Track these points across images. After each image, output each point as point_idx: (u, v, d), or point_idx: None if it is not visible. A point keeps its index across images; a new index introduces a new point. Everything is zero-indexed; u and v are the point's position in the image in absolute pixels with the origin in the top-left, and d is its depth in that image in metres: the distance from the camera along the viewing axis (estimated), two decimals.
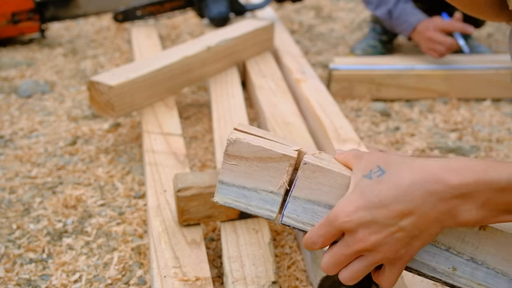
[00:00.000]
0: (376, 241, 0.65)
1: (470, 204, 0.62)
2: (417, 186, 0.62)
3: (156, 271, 0.97)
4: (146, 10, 2.34)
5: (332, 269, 0.69)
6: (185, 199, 1.05)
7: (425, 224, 0.64)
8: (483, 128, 1.74)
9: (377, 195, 0.64)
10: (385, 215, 0.63)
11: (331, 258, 0.69)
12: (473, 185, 0.61)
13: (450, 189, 0.61)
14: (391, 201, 0.63)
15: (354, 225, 0.65)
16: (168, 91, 1.65)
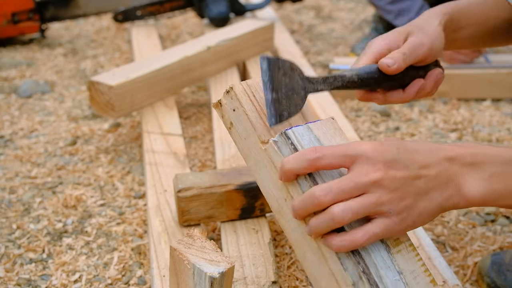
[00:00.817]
0: (393, 176, 0.62)
1: (478, 174, 0.64)
2: (436, 150, 0.66)
3: (156, 271, 0.97)
4: (146, 10, 2.34)
5: (330, 195, 0.62)
6: (186, 199, 1.05)
7: (435, 183, 0.65)
8: (483, 128, 1.74)
9: (401, 143, 0.66)
10: (408, 158, 0.64)
11: (336, 183, 0.63)
12: (482, 155, 0.65)
13: (462, 157, 0.65)
14: (415, 151, 0.65)
15: (377, 155, 0.63)
16: (168, 91, 1.65)
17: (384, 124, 1.77)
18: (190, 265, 0.75)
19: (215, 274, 0.73)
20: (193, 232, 0.82)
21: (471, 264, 1.14)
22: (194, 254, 0.77)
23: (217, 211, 1.08)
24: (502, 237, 1.23)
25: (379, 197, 0.63)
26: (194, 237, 0.81)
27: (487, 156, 0.65)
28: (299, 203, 0.65)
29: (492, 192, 0.64)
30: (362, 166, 0.63)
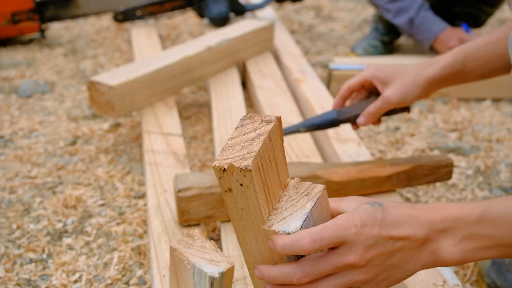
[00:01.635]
0: (370, 259, 0.67)
1: (450, 239, 0.68)
2: (412, 219, 0.68)
3: (156, 271, 0.97)
4: (146, 10, 2.34)
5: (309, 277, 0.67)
6: (186, 199, 1.05)
7: (409, 255, 0.68)
8: (483, 128, 1.74)
9: (382, 218, 0.68)
10: (386, 235, 0.67)
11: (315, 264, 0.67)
12: (451, 221, 0.68)
13: (434, 224, 0.68)
14: (393, 225, 0.68)
15: (360, 240, 0.66)
16: (168, 91, 1.65)
17: (384, 124, 1.77)
18: (190, 265, 0.75)
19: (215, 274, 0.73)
20: (193, 232, 0.82)
21: (471, 264, 1.14)
22: (194, 254, 0.77)
23: (217, 211, 1.08)
24: None
25: (352, 277, 0.68)
26: (194, 237, 0.81)
27: (456, 221, 0.68)
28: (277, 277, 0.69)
29: (466, 254, 0.68)
30: (344, 251, 0.67)
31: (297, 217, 0.69)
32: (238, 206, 0.68)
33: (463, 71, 1.08)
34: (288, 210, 0.70)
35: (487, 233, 0.67)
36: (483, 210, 0.68)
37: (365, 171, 1.15)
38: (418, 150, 1.60)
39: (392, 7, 2.07)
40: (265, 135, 0.67)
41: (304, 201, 0.71)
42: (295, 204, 0.71)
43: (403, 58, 2.11)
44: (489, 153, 1.59)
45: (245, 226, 0.70)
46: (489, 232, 0.67)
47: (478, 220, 0.67)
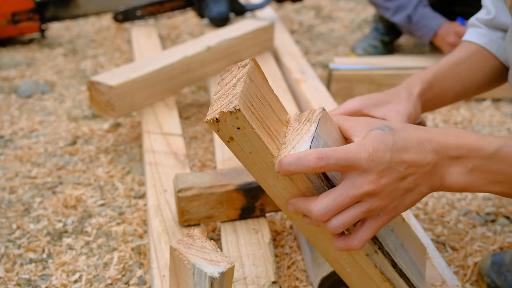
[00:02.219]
0: (385, 184, 0.67)
1: (460, 167, 0.68)
2: (425, 143, 0.68)
3: (156, 271, 0.97)
4: (146, 10, 2.34)
5: (328, 215, 0.68)
6: (186, 199, 1.05)
7: (422, 179, 0.68)
8: (483, 128, 1.74)
9: (393, 142, 0.67)
10: (398, 160, 0.67)
11: (333, 201, 0.67)
12: (466, 149, 0.68)
13: (448, 150, 0.68)
14: (405, 150, 0.67)
15: (372, 165, 0.66)
16: (168, 91, 1.65)
17: None
18: (190, 265, 0.75)
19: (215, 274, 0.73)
20: (193, 232, 0.82)
21: (471, 264, 1.14)
22: (194, 254, 0.77)
23: (217, 211, 1.08)
24: (502, 237, 1.23)
25: (371, 205, 0.68)
26: (194, 237, 0.81)
27: (471, 150, 0.68)
28: (306, 212, 0.70)
29: (471, 184, 0.69)
30: (357, 177, 0.67)
31: (305, 141, 0.70)
32: (246, 152, 0.70)
33: (441, 91, 1.05)
34: (295, 139, 0.71)
35: (499, 168, 0.67)
36: (500, 145, 0.67)
37: None
38: None
39: (390, 5, 2.09)
40: (244, 77, 0.69)
41: (307, 126, 0.72)
42: (300, 132, 0.72)
43: (403, 58, 2.10)
44: None
45: (261, 169, 0.71)
46: (502, 168, 0.67)
47: (494, 154, 0.67)
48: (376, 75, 1.93)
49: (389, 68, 1.96)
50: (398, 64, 2.00)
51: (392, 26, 2.30)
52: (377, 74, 1.93)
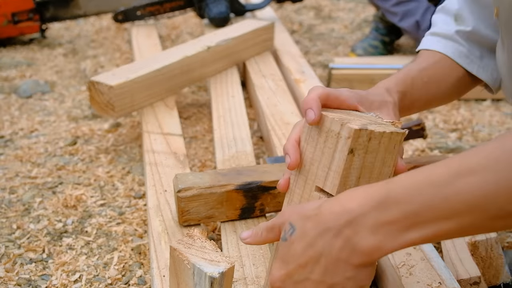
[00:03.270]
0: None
1: (362, 230, 0.61)
2: (317, 231, 0.63)
3: (156, 271, 0.97)
4: (146, 10, 2.34)
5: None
6: (186, 199, 1.05)
7: (333, 268, 0.63)
8: (483, 128, 1.74)
9: (291, 255, 0.67)
10: (300, 270, 0.66)
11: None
12: (356, 209, 0.61)
13: (338, 220, 0.61)
14: (301, 255, 0.65)
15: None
16: (168, 91, 1.65)
17: None
18: (190, 265, 0.75)
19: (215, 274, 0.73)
20: (193, 232, 0.82)
21: None
22: (194, 254, 0.77)
23: (217, 211, 1.08)
24: (502, 237, 1.23)
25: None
26: (194, 237, 0.81)
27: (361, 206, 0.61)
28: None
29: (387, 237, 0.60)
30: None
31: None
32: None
33: (410, 99, 0.94)
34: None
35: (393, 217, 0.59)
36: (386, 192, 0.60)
37: None
38: (418, 150, 1.60)
39: (398, 10, 2.06)
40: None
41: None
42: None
43: (403, 58, 2.11)
44: None
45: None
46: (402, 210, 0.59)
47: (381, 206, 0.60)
48: (376, 75, 1.93)
49: (389, 68, 1.96)
50: (398, 64, 2.00)
51: (392, 26, 2.30)
52: (377, 74, 1.94)
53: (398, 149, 0.70)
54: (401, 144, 0.70)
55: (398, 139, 0.69)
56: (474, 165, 0.56)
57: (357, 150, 0.68)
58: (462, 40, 1.00)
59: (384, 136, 0.68)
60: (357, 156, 0.68)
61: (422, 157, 1.23)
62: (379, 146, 0.68)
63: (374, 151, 0.68)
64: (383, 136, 0.68)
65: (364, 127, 0.68)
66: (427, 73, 0.97)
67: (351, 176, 0.69)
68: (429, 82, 0.96)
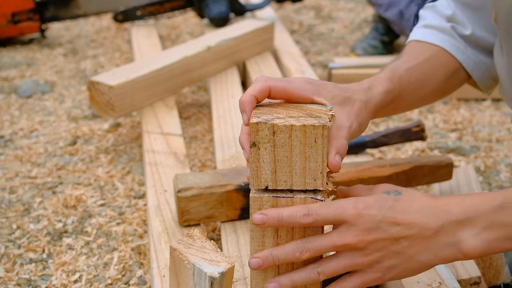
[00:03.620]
0: (369, 241, 0.66)
1: (470, 229, 0.66)
2: (426, 208, 0.67)
3: (156, 271, 0.97)
4: (146, 10, 2.34)
5: (306, 251, 0.68)
6: (185, 199, 1.05)
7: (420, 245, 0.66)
8: (483, 128, 1.74)
9: (391, 205, 0.67)
10: (390, 221, 0.66)
11: (314, 240, 0.68)
12: (471, 211, 0.66)
13: (452, 215, 0.66)
14: (402, 212, 0.66)
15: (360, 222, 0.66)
16: (168, 91, 1.65)
17: (384, 124, 1.77)
18: (190, 265, 0.75)
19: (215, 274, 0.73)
20: (193, 232, 0.82)
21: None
22: (194, 254, 0.77)
23: (217, 211, 1.08)
24: None
25: (353, 259, 0.68)
26: (194, 237, 0.81)
27: (476, 210, 0.66)
28: (281, 254, 0.69)
29: (489, 244, 0.66)
30: (344, 229, 0.67)
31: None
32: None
33: (398, 96, 0.91)
34: None
35: (510, 221, 0.65)
36: (504, 198, 0.65)
37: (365, 171, 1.15)
38: (418, 150, 1.60)
39: (383, 1, 2.10)
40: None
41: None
42: None
43: None
44: (489, 153, 1.59)
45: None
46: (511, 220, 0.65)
47: (500, 208, 0.65)
48: None
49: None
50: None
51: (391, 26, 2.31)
52: None
53: (324, 143, 0.67)
54: (325, 138, 0.66)
55: (319, 133, 0.66)
56: None
57: (261, 144, 0.68)
58: (458, 37, 1.00)
59: (294, 129, 0.66)
60: (264, 150, 0.68)
61: (422, 157, 1.23)
62: (290, 140, 0.67)
63: (285, 145, 0.67)
64: (292, 129, 0.66)
65: (264, 120, 0.67)
66: (415, 71, 0.94)
67: (264, 170, 0.69)
68: (416, 81, 0.94)
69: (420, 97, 0.98)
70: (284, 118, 0.68)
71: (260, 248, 0.72)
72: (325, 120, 0.67)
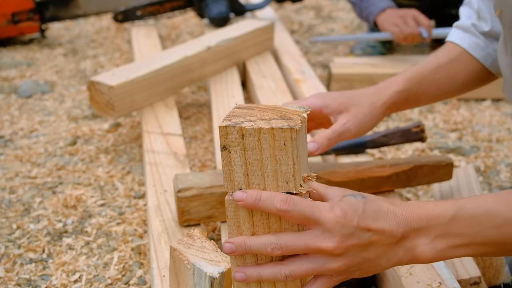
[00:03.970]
0: (345, 248, 0.67)
1: (424, 238, 0.69)
2: (391, 215, 0.69)
3: (156, 271, 0.97)
4: (146, 10, 2.34)
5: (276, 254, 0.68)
6: (185, 199, 1.05)
7: (383, 250, 0.69)
8: (483, 128, 1.74)
9: (363, 210, 0.68)
10: (364, 227, 0.67)
11: (282, 246, 0.67)
12: (425, 220, 0.69)
13: (410, 223, 0.69)
14: (373, 219, 0.68)
15: (337, 228, 0.66)
16: (168, 91, 1.65)
17: (385, 124, 1.77)
18: (190, 265, 0.75)
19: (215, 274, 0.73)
20: (193, 232, 0.82)
21: None
22: (194, 254, 0.77)
23: (217, 211, 1.08)
24: None
25: (325, 264, 0.68)
26: (194, 237, 0.81)
27: (430, 220, 0.69)
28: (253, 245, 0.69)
29: (440, 252, 0.70)
30: (318, 233, 0.67)
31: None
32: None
33: (416, 95, 1.05)
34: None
35: (459, 232, 0.69)
36: (456, 210, 0.69)
37: (364, 171, 1.15)
38: (418, 150, 1.60)
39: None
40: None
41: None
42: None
43: (403, 58, 2.11)
44: (489, 153, 1.59)
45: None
46: (461, 231, 0.68)
47: (451, 220, 0.69)
48: (376, 75, 1.93)
49: (389, 68, 1.96)
50: (398, 64, 2.00)
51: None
52: (377, 74, 1.94)
53: (293, 146, 0.66)
54: (294, 141, 0.65)
55: (287, 135, 0.65)
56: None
57: (232, 147, 0.67)
58: (478, 33, 1.05)
59: (263, 132, 0.65)
60: (235, 153, 0.67)
61: (422, 157, 1.23)
62: (259, 143, 0.66)
63: (255, 148, 0.67)
64: (260, 132, 0.66)
65: (233, 124, 0.67)
66: (441, 69, 1.04)
67: (236, 173, 0.68)
68: (441, 78, 1.04)
69: (444, 93, 1.08)
70: (254, 121, 0.67)
71: (235, 234, 0.71)
72: (296, 122, 0.66)
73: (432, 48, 2.23)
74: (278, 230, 0.70)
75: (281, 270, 0.68)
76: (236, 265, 0.72)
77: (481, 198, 0.70)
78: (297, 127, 0.65)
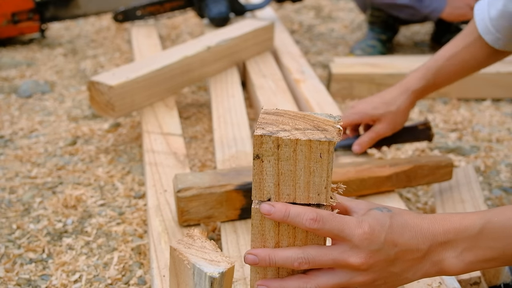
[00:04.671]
0: (373, 264, 0.67)
1: (452, 251, 0.69)
2: (417, 230, 0.70)
3: (156, 271, 0.97)
4: (146, 10, 2.34)
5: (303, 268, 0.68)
6: (185, 199, 1.05)
7: (410, 264, 0.69)
8: (483, 128, 1.74)
9: (390, 225, 0.68)
10: (391, 243, 0.68)
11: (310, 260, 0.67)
12: (453, 233, 0.69)
13: (436, 236, 0.69)
14: (400, 233, 0.68)
15: (364, 244, 0.66)
16: (168, 91, 1.65)
17: None
18: (190, 265, 0.75)
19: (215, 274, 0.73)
20: (193, 232, 0.82)
21: None
22: (194, 254, 0.77)
23: (217, 211, 1.08)
24: None
25: (352, 278, 0.68)
26: (194, 237, 0.81)
27: (457, 234, 0.69)
28: (279, 259, 0.69)
29: (468, 265, 0.70)
30: (347, 248, 0.67)
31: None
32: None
33: (435, 83, 1.23)
34: None
35: (488, 245, 0.69)
36: (484, 223, 0.69)
37: (364, 171, 1.15)
38: (418, 150, 1.60)
39: None
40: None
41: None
42: None
43: (403, 58, 2.11)
44: (489, 153, 1.59)
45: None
46: (490, 245, 0.68)
47: (479, 233, 0.69)
48: (376, 75, 1.93)
49: (389, 68, 1.96)
50: (398, 63, 2.00)
51: (387, 23, 2.31)
52: (377, 74, 1.94)
53: (329, 159, 0.65)
54: (331, 154, 0.65)
55: (324, 148, 0.64)
56: None
57: (265, 157, 0.66)
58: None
59: (299, 144, 0.65)
60: (268, 163, 0.66)
61: (422, 157, 1.23)
62: (295, 154, 0.65)
63: (290, 159, 0.66)
64: (297, 144, 0.65)
65: (269, 133, 0.65)
66: (456, 57, 1.19)
67: (266, 182, 0.67)
68: (457, 65, 1.19)
69: (463, 74, 1.22)
70: (290, 131, 0.66)
71: (259, 242, 0.70)
72: (332, 134, 0.65)
73: (432, 48, 2.23)
74: (303, 240, 0.69)
75: (307, 285, 0.68)
76: (257, 277, 0.72)
77: (509, 210, 0.70)
78: (335, 140, 0.65)
